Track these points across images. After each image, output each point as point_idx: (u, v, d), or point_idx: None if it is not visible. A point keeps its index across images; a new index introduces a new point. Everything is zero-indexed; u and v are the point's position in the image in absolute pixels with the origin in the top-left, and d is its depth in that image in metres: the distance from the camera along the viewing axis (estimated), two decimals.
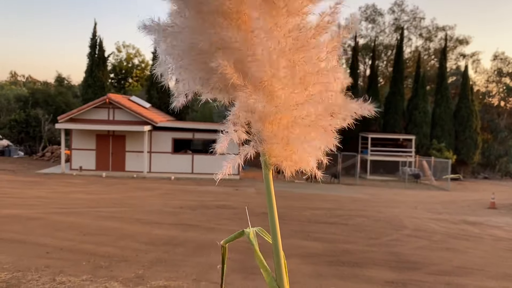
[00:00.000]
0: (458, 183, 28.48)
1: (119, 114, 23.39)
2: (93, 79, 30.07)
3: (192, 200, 14.50)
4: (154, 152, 23.82)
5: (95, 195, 14.71)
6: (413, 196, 20.78)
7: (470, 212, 16.07)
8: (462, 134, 31.45)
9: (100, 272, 5.98)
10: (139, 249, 7.48)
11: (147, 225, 9.70)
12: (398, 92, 32.21)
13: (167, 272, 6.10)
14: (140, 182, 20.31)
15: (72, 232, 8.59)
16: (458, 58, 42.44)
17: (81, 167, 23.07)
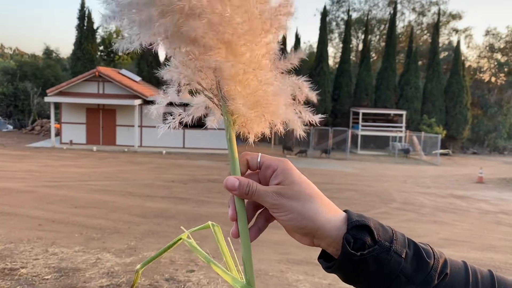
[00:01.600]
0: (447, 158, 28.83)
1: (109, 87, 23.14)
2: (82, 51, 29.58)
3: (183, 174, 14.55)
4: (145, 127, 23.71)
5: (86, 169, 14.69)
6: (403, 171, 21.03)
7: (458, 186, 16.34)
8: (453, 110, 31.64)
9: (92, 243, 6.03)
10: (131, 221, 7.53)
11: (138, 198, 9.75)
12: (390, 67, 32.17)
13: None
14: (131, 156, 20.29)
15: (64, 205, 8.62)
16: (450, 33, 42.37)
17: (71, 141, 22.94)
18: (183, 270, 5.03)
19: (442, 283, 0.55)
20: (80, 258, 5.29)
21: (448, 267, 0.57)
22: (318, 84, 31.31)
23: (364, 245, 0.55)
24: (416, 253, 0.56)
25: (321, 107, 31.22)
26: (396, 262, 0.55)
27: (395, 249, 0.55)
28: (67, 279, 4.55)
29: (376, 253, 0.54)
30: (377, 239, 0.55)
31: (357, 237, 0.55)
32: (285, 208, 0.56)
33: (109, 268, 4.96)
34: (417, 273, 0.55)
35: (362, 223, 0.56)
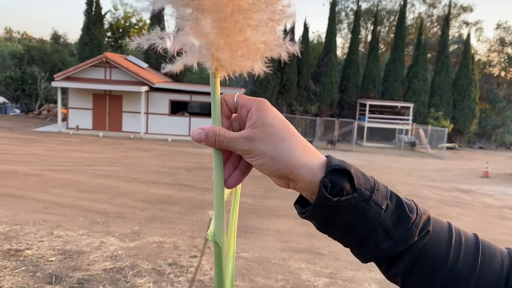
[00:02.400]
0: (453, 152, 28.70)
1: (116, 73, 23.16)
2: (90, 37, 29.55)
3: (188, 162, 14.60)
4: (151, 114, 23.75)
5: (92, 154, 14.77)
6: (408, 164, 20.97)
7: (463, 180, 16.28)
8: (460, 103, 31.40)
9: (97, 227, 6.08)
10: (136, 206, 7.58)
11: (143, 184, 9.80)
12: (399, 59, 31.90)
13: (163, 229, 6.22)
14: (137, 142, 20.36)
15: (69, 189, 8.68)
16: (461, 26, 41.89)
17: (77, 126, 23.04)
18: (187, 255, 5.07)
19: (423, 240, 0.52)
20: (85, 241, 5.34)
21: (431, 224, 0.54)
22: (326, 75, 31.15)
23: (342, 191, 0.51)
24: (398, 206, 0.53)
25: (328, 98, 31.10)
26: (375, 213, 0.51)
27: (375, 199, 0.51)
28: (71, 261, 4.60)
29: (355, 201, 0.51)
30: (357, 186, 0.51)
31: (335, 182, 0.51)
32: (256, 152, 0.53)
33: (112, 251, 5.01)
34: (397, 227, 0.52)
35: (342, 167, 0.52)
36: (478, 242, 0.55)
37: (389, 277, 0.55)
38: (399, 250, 0.52)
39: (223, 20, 0.51)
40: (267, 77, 29.45)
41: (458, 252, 0.53)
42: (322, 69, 31.65)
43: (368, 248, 0.53)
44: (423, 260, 0.52)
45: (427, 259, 0.52)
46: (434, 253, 0.52)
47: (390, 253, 0.52)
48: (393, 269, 0.53)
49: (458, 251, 0.53)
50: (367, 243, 0.52)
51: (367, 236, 0.52)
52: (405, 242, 0.52)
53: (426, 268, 0.52)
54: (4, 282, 3.94)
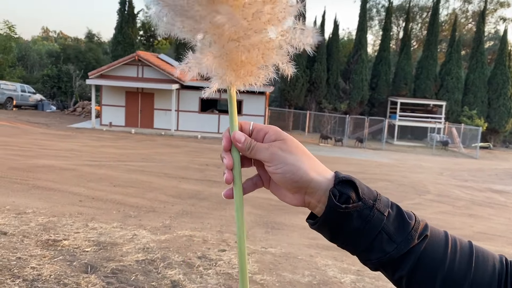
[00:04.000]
0: (487, 152, 27.92)
1: (148, 71, 23.62)
2: (123, 36, 30.21)
3: (217, 159, 14.78)
4: (182, 111, 24.13)
5: (125, 150, 15.16)
6: (440, 163, 20.56)
7: (497, 180, 15.85)
8: (496, 102, 30.48)
9: (129, 220, 6.29)
10: (166, 201, 7.78)
11: (174, 180, 10.02)
12: (431, 56, 31.23)
13: (193, 223, 6.37)
14: (168, 139, 20.73)
15: (103, 183, 8.97)
16: (497, 21, 40.62)
17: (111, 123, 23.64)
18: (215, 249, 5.20)
19: (422, 244, 0.59)
20: (118, 233, 5.55)
21: (429, 230, 0.60)
22: (356, 72, 30.82)
23: (348, 199, 0.58)
24: (398, 214, 0.60)
25: (358, 96, 30.77)
26: (378, 219, 0.58)
27: (378, 207, 0.59)
28: (105, 252, 4.80)
29: (360, 208, 0.58)
30: (361, 196, 0.59)
31: (343, 192, 0.58)
32: (281, 160, 0.60)
33: (144, 244, 5.19)
34: (398, 232, 0.59)
35: (348, 178, 0.60)
36: (472, 247, 0.62)
37: (395, 281, 0.62)
38: (402, 252, 0.58)
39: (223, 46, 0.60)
40: (296, 74, 29.34)
41: (454, 255, 0.59)
42: (352, 67, 31.33)
43: (374, 252, 0.59)
44: (423, 263, 0.59)
45: (427, 261, 0.59)
46: (433, 256, 0.59)
47: (394, 255, 0.58)
48: (398, 273, 0.60)
49: (454, 254, 0.59)
50: (373, 247, 0.59)
51: (373, 240, 0.59)
52: (406, 245, 0.58)
53: (427, 270, 0.59)
54: (44, 270, 4.15)
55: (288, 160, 0.60)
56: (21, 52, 36.55)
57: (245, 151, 0.63)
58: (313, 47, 0.62)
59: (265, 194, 9.19)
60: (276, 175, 0.61)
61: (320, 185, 0.60)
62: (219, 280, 4.25)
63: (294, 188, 0.61)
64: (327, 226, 0.61)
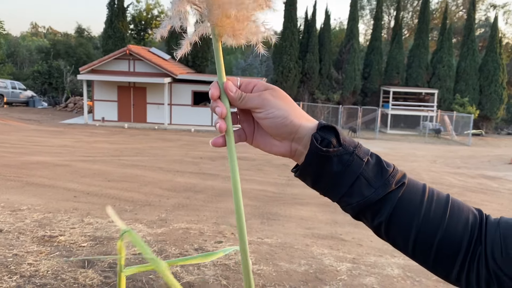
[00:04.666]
0: (479, 139, 28.13)
1: (140, 65, 23.49)
2: (113, 30, 29.97)
3: (212, 151, 14.78)
4: (174, 105, 24.05)
5: (118, 145, 15.11)
6: (433, 151, 20.69)
7: (489, 167, 16.00)
8: (487, 89, 30.64)
9: (125, 215, 6.30)
10: (162, 195, 7.79)
11: (168, 173, 10.02)
12: (423, 45, 31.28)
13: (189, 216, 6.39)
14: (161, 133, 20.68)
15: (97, 178, 8.96)
16: (488, 9, 40.79)
17: (103, 118, 23.53)
18: (212, 241, 5.22)
19: (399, 190, 0.62)
20: (114, 228, 5.55)
21: (406, 179, 0.63)
22: (348, 62, 30.83)
23: (329, 144, 0.61)
24: (377, 162, 0.63)
25: (351, 86, 30.80)
26: (357, 164, 0.61)
27: (357, 153, 0.62)
28: (102, 247, 4.80)
29: (340, 153, 0.61)
30: (342, 142, 0.61)
31: (324, 137, 0.61)
32: (272, 105, 0.62)
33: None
34: (376, 178, 0.61)
35: (330, 125, 0.63)
36: (449, 198, 0.64)
37: (374, 228, 0.65)
38: (380, 196, 0.61)
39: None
40: (288, 65, 29.35)
41: (430, 204, 0.62)
42: (344, 57, 31.32)
43: (353, 197, 0.62)
44: (400, 210, 0.62)
45: (403, 208, 0.62)
46: (409, 203, 0.62)
47: (372, 199, 0.61)
48: (376, 219, 0.63)
49: (430, 203, 0.62)
50: (352, 191, 0.62)
51: (352, 184, 0.61)
52: (384, 189, 0.61)
53: (403, 216, 0.62)
54: (41, 266, 4.15)
55: (279, 105, 0.62)
56: (10, 49, 36.18)
57: (236, 101, 0.64)
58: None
59: (261, 185, 9.23)
60: (267, 120, 0.63)
61: (307, 130, 0.63)
62: (217, 271, 4.28)
63: (284, 133, 0.63)
64: (309, 170, 0.63)
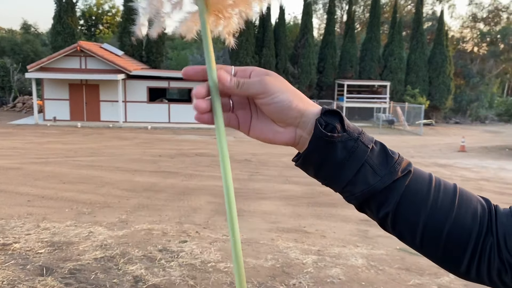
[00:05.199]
0: (430, 128, 29.26)
1: (92, 62, 22.74)
2: (62, 25, 28.80)
3: (170, 149, 14.55)
4: (129, 102, 23.47)
5: (72, 145, 14.59)
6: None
7: (441, 155, 16.67)
8: (436, 80, 31.89)
9: (84, 218, 6.08)
10: (121, 195, 7.58)
11: (127, 173, 9.77)
12: (375, 38, 32.10)
13: (150, 217, 6.25)
14: (117, 131, 20.15)
15: (52, 181, 8.60)
16: (434, 3, 42.34)
17: (55, 118, 22.63)
18: (176, 241, 5.13)
19: (406, 179, 0.59)
20: (73, 232, 5.34)
21: (412, 167, 0.61)
22: (303, 57, 31.17)
23: (334, 129, 0.58)
24: (382, 149, 0.60)
25: (307, 80, 31.19)
26: (362, 151, 0.58)
27: (362, 139, 0.59)
28: (61, 252, 4.61)
29: (344, 139, 0.58)
30: (346, 127, 0.58)
31: (328, 122, 0.58)
32: (276, 88, 0.58)
33: (102, 241, 5.03)
34: (381, 165, 0.59)
35: (334, 109, 0.59)
36: (456, 187, 0.62)
37: (380, 220, 0.62)
38: (386, 184, 0.58)
39: None
40: (245, 60, 29.33)
41: (438, 193, 0.60)
42: (299, 51, 31.64)
43: (358, 185, 0.59)
44: (407, 199, 0.59)
45: (410, 197, 0.59)
46: (416, 192, 0.59)
47: (377, 187, 0.58)
48: (383, 210, 0.60)
49: (437, 192, 0.60)
50: (357, 180, 0.58)
51: (357, 172, 0.58)
52: (390, 177, 0.58)
53: (410, 206, 0.59)
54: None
55: (283, 89, 0.58)
56: None
57: (234, 89, 0.58)
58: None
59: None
60: (272, 105, 0.58)
61: (312, 115, 0.59)
62: (183, 272, 4.21)
63: (290, 118, 0.59)
64: (312, 157, 0.60)
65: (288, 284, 4.07)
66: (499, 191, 9.67)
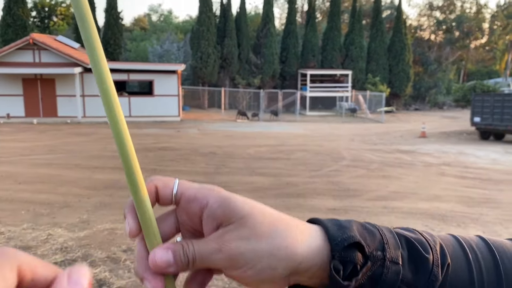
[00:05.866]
0: (391, 115, 29.89)
1: (46, 55, 21.79)
2: (12, 17, 27.47)
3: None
4: (88, 96, 22.69)
5: (28, 143, 13.94)
6: (350, 130, 21.60)
7: (403, 141, 17.02)
8: (396, 68, 32.58)
9: (42, 219, 5.76)
10: (81, 194, 7.25)
11: (86, 170, 9.39)
12: (335, 27, 32.39)
13: (113, 215, 6.00)
14: (75, 127, 19.45)
15: (6, 181, 8.14)
16: None
17: (8, 115, 21.61)
18: None
19: (447, 278, 0.44)
20: (30, 235, 5.04)
21: (447, 254, 0.45)
22: (266, 46, 31.06)
23: (355, 268, 0.42)
24: (411, 251, 0.44)
25: (270, 70, 31.14)
26: (394, 273, 0.43)
27: (389, 257, 0.43)
28: None
29: (371, 271, 0.42)
30: (367, 253, 0.42)
31: (347, 260, 0.41)
32: (246, 260, 0.39)
33: (62, 243, 4.77)
34: (418, 276, 0.44)
35: (351, 241, 0.41)
36: (493, 250, 0.47)
37: None
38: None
39: None
40: (207, 51, 28.92)
41: (480, 272, 0.45)
42: (262, 41, 31.52)
43: None
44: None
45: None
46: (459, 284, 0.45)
47: None
48: None
49: (480, 274, 0.45)
50: None
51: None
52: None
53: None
54: None
55: (260, 252, 0.39)
56: None
57: (184, 269, 0.40)
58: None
59: (189, 176, 8.97)
60: (246, 279, 0.41)
61: (313, 260, 0.42)
62: None
63: (275, 283, 0.42)
64: None
65: None
66: (460, 175, 9.92)
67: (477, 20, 40.27)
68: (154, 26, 42.07)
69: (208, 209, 0.40)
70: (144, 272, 0.39)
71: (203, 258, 0.39)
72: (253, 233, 0.39)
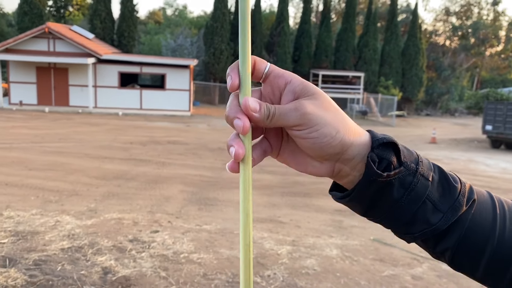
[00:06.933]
0: (402, 120, 29.71)
1: (60, 45, 21.97)
2: (29, 6, 27.70)
3: (142, 136, 14.24)
4: (100, 87, 22.84)
5: (39, 130, 14.08)
6: None
7: (413, 146, 16.87)
8: (409, 72, 32.34)
9: (50, 206, 5.83)
10: (90, 183, 7.32)
11: (96, 160, 9.47)
12: (350, 29, 32.22)
13: (121, 205, 6.05)
14: (86, 117, 19.60)
15: (17, 167, 8.24)
16: None
17: (21, 102, 21.83)
18: (147, 231, 4.96)
19: (470, 211, 0.50)
20: (38, 221, 5.11)
21: (475, 193, 0.52)
22: (279, 45, 31.02)
23: (389, 165, 0.48)
24: (442, 177, 0.50)
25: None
26: (423, 185, 0.48)
27: (421, 171, 0.49)
28: (25, 243, 4.38)
29: (402, 175, 0.48)
30: (403, 160, 0.48)
31: (382, 157, 0.48)
32: (316, 121, 0.46)
33: (69, 230, 4.82)
34: (444, 199, 0.49)
35: (389, 140, 0.48)
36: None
37: (436, 253, 0.52)
38: (450, 222, 0.49)
39: None
40: (220, 47, 28.95)
41: (504, 220, 0.51)
42: (275, 39, 31.48)
43: (417, 225, 0.49)
44: (471, 233, 0.50)
45: (475, 231, 0.50)
46: (482, 225, 0.50)
47: (440, 226, 0.49)
48: (442, 245, 0.50)
49: (503, 220, 0.51)
50: (416, 219, 0.49)
51: (416, 211, 0.49)
52: (454, 214, 0.49)
53: (475, 241, 0.50)
54: None
55: (325, 120, 0.47)
56: None
57: (263, 122, 0.47)
58: None
59: (197, 170, 9.00)
60: (308, 140, 0.47)
61: (359, 148, 0.48)
62: (154, 263, 4.06)
63: (328, 155, 0.48)
64: (361, 197, 0.49)
65: (263, 275, 3.99)
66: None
67: (493, 27, 39.85)
68: (169, 20, 42.18)
69: (291, 84, 0.49)
70: (236, 114, 0.46)
71: (281, 114, 0.47)
72: (323, 105, 0.47)
